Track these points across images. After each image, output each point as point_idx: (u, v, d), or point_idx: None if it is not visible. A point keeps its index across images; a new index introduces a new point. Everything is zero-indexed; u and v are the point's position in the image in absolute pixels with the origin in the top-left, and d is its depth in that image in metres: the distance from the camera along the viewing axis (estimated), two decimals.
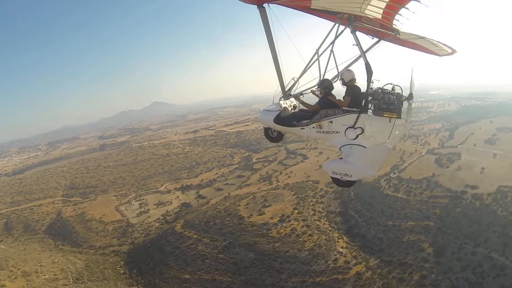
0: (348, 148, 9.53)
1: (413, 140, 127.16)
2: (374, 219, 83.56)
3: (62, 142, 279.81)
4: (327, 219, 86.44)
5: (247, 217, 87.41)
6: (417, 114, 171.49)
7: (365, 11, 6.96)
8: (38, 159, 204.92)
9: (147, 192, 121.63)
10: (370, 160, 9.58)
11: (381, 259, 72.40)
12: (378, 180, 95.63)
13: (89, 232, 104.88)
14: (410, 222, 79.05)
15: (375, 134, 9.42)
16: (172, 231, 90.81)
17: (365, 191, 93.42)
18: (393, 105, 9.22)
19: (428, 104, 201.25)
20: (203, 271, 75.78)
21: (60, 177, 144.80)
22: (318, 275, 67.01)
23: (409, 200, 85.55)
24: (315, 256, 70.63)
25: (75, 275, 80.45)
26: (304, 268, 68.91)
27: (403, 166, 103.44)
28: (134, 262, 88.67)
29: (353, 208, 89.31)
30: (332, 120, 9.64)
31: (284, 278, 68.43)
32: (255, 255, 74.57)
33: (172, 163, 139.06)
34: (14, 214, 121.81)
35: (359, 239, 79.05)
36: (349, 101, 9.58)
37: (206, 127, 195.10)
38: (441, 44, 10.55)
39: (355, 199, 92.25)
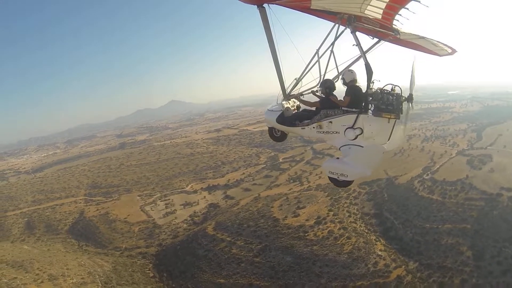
0: (347, 148, 9.53)
1: (441, 141, 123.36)
2: (410, 221, 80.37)
3: (80, 140, 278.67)
4: (363, 221, 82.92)
5: (282, 219, 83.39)
6: (440, 114, 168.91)
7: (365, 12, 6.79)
8: (57, 157, 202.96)
9: (173, 192, 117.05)
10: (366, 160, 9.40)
11: (420, 263, 69.38)
12: (412, 181, 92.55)
13: (114, 233, 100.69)
14: (447, 224, 76.17)
15: (374, 134, 9.36)
16: (204, 233, 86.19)
17: (399, 193, 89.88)
18: (392, 105, 9.07)
19: (450, 105, 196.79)
20: (238, 275, 71.80)
21: (81, 176, 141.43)
22: (359, 279, 64.38)
23: (444, 202, 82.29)
24: (355, 260, 67.83)
25: (103, 278, 75.96)
26: (344, 272, 66.02)
27: (435, 167, 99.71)
28: (163, 265, 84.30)
29: (388, 210, 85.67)
30: (332, 120, 9.67)
31: (324, 282, 65.07)
32: (293, 259, 71.07)
33: (197, 163, 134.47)
34: (36, 213, 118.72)
35: (396, 242, 75.91)
36: (349, 101, 9.56)
37: (229, 126, 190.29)
38: (441, 44, 10.37)
39: (389, 200, 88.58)
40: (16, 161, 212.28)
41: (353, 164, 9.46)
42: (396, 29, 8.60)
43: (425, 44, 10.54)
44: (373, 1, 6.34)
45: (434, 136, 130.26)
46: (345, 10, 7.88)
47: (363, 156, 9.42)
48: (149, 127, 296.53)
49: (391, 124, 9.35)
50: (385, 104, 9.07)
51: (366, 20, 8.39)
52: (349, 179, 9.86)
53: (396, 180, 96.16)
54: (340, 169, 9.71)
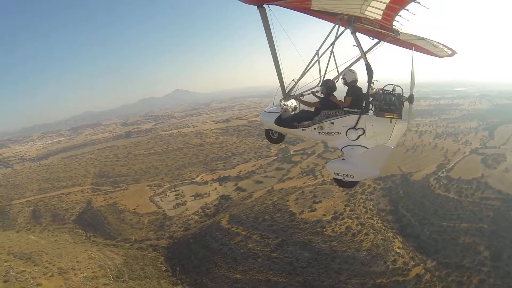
0: (349, 149, 9.42)
1: (453, 138, 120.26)
2: (427, 219, 78.77)
3: (84, 128, 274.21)
4: (379, 218, 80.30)
5: (299, 214, 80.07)
6: (449, 111, 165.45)
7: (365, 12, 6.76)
8: (61, 144, 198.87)
9: (183, 183, 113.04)
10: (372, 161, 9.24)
11: (438, 261, 68.03)
12: (427, 178, 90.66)
13: (123, 224, 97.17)
14: (464, 223, 75.18)
15: (376, 134, 9.36)
16: (218, 227, 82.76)
17: (415, 190, 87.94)
18: (394, 105, 9.09)
19: (458, 102, 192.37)
20: (255, 270, 69.13)
21: (88, 165, 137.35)
22: (378, 276, 62.79)
23: (461, 201, 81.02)
24: (374, 257, 65.95)
25: (114, 272, 72.57)
26: (364, 269, 64.11)
27: (449, 165, 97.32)
28: (176, 258, 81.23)
29: (405, 207, 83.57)
30: (333, 121, 9.57)
31: (343, 279, 63.11)
32: (311, 255, 68.59)
33: (206, 153, 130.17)
34: (42, 202, 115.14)
35: (413, 240, 74.21)
36: (350, 101, 9.49)
37: (236, 116, 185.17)
38: (441, 45, 10.25)
39: (405, 197, 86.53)
40: (20, 148, 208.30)
41: (359, 164, 9.22)
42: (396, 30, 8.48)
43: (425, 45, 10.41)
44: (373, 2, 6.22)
45: (446, 133, 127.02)
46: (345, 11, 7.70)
47: (370, 157, 9.17)
48: (154, 116, 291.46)
49: (393, 124, 9.27)
50: (387, 104, 9.01)
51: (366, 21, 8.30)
52: (356, 180, 9.63)
53: (411, 176, 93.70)
54: (346, 170, 9.42)
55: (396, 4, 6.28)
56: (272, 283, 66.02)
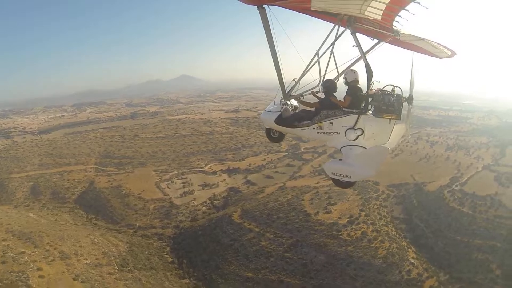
0: (348, 149, 9.27)
1: (465, 152, 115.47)
2: (441, 231, 76.60)
3: (88, 105, 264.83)
4: (393, 225, 76.98)
5: (314, 214, 75.09)
6: (459, 124, 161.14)
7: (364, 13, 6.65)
8: (64, 120, 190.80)
9: (191, 171, 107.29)
10: (369, 161, 9.10)
11: (451, 275, 66.05)
12: (441, 190, 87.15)
13: (126, 208, 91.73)
14: (477, 240, 72.86)
15: (375, 135, 9.23)
16: (229, 221, 77.91)
17: (429, 200, 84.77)
18: (393, 106, 8.89)
19: (467, 115, 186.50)
20: (267, 270, 65.06)
21: (93, 143, 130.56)
22: (393, 286, 60.05)
23: (475, 216, 78.27)
24: (390, 265, 62.70)
25: (119, 261, 67.25)
26: (379, 277, 61.04)
27: (463, 179, 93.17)
28: (183, 250, 76.59)
29: (418, 217, 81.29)
30: (332, 121, 9.44)
31: (358, 286, 60.17)
32: (327, 258, 64.76)
33: (216, 142, 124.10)
34: (43, 178, 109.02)
35: (427, 251, 71.95)
36: (350, 101, 9.35)
37: (246, 107, 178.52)
38: (441, 46, 9.99)
39: (419, 207, 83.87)
40: (22, 120, 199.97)
41: (356, 165, 9.02)
42: (396, 30, 8.34)
43: (425, 46, 10.12)
44: (373, 2, 6.09)
45: (457, 146, 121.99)
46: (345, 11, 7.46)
47: (367, 157, 9.01)
48: (159, 99, 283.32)
49: (391, 124, 9.08)
50: (386, 105, 8.84)
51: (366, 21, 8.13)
52: (353, 180, 9.44)
53: (425, 186, 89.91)
54: (343, 170, 9.23)
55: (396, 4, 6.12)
56: (285, 285, 62.16)
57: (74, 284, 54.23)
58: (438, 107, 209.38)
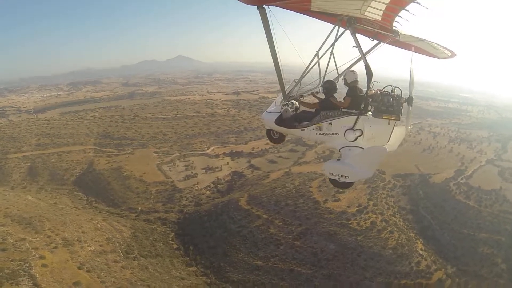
0: (347, 150, 9.06)
1: (467, 145, 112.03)
2: (447, 224, 73.90)
3: (84, 84, 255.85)
4: (400, 216, 73.81)
5: (323, 202, 71.48)
6: (459, 116, 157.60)
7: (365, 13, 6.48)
8: (60, 99, 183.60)
9: (193, 154, 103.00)
10: (367, 162, 8.79)
11: (458, 268, 64.18)
12: (447, 183, 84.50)
13: (128, 191, 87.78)
14: (483, 233, 70.66)
15: (374, 136, 8.94)
16: (236, 206, 74.39)
17: (435, 192, 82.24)
18: (392, 107, 8.62)
19: (467, 108, 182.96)
20: (277, 258, 61.98)
21: (91, 123, 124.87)
22: (403, 277, 57.85)
23: (481, 210, 75.95)
24: (399, 256, 60.32)
25: (123, 247, 63.67)
26: (389, 268, 58.71)
27: (468, 172, 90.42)
28: (188, 236, 72.87)
29: (425, 208, 78.55)
30: (331, 121, 9.22)
31: (369, 276, 57.85)
32: (337, 247, 62.03)
33: (218, 125, 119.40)
34: (40, 158, 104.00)
35: (433, 243, 69.53)
36: (350, 102, 9.09)
37: (246, 90, 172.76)
38: (441, 47, 9.86)
39: (425, 198, 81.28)
40: (17, 98, 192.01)
41: (354, 165, 8.72)
42: (396, 31, 8.25)
43: (425, 47, 10.02)
44: (373, 3, 5.92)
45: (459, 138, 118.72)
46: (345, 12, 7.29)
47: (365, 157, 8.69)
48: (156, 79, 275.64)
49: (391, 125, 8.79)
50: (385, 105, 8.56)
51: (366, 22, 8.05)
52: (350, 180, 9.09)
53: (430, 178, 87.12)
54: (341, 170, 8.94)
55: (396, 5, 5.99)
56: (296, 274, 59.33)
57: (79, 273, 50.53)
58: (437, 99, 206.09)
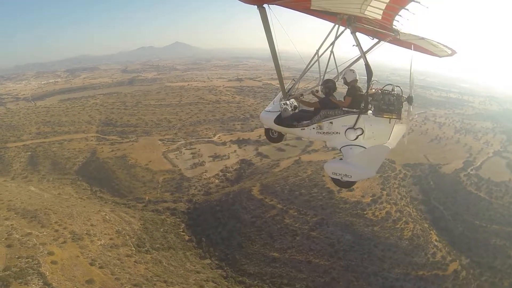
0: (348, 149, 8.87)
1: (473, 136, 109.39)
2: (460, 215, 72.90)
3: (81, 70, 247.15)
4: (413, 206, 72.21)
5: (337, 192, 68.32)
6: (461, 107, 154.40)
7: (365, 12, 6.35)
8: (58, 86, 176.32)
9: (199, 141, 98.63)
10: (370, 161, 8.49)
11: (472, 259, 63.73)
12: (457, 174, 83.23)
13: (134, 180, 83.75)
14: (494, 225, 70.06)
15: (375, 135, 8.83)
16: (249, 196, 71.24)
17: (446, 183, 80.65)
18: (393, 106, 8.49)
19: (468, 98, 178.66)
20: (294, 249, 59.58)
21: (93, 110, 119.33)
22: (420, 268, 56.36)
23: (491, 202, 75.15)
24: (416, 247, 58.89)
25: (134, 240, 59.99)
26: (406, 259, 57.18)
27: (476, 163, 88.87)
28: (199, 227, 69.75)
29: (437, 199, 77.13)
30: (332, 120, 8.99)
31: (386, 267, 56.38)
32: (353, 238, 60.10)
33: (223, 112, 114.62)
34: (41, 147, 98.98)
35: (446, 234, 68.41)
36: (350, 101, 8.89)
37: (248, 77, 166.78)
38: (441, 45, 9.63)
39: (436, 189, 79.43)
40: (14, 86, 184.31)
41: (357, 165, 8.46)
42: (396, 30, 7.79)
43: (425, 45, 9.73)
44: (373, 2, 5.78)
45: (464, 129, 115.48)
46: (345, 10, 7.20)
47: (368, 157, 8.41)
48: (154, 66, 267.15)
49: (391, 124, 8.69)
50: (386, 104, 8.44)
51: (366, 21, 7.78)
52: (353, 179, 8.85)
53: (440, 168, 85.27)
54: (343, 169, 8.65)
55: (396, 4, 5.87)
56: (313, 265, 56.95)
57: (91, 270, 46.84)
58: (438, 88, 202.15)
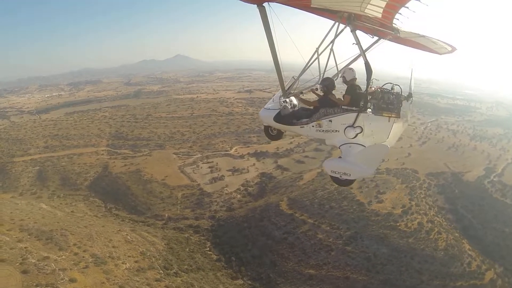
0: (347, 147, 8.74)
1: (488, 142, 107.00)
2: (488, 222, 70.55)
3: (84, 84, 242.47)
4: (441, 216, 68.96)
5: (367, 204, 65.61)
6: (470, 113, 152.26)
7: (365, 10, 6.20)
8: (63, 99, 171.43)
9: (215, 154, 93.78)
10: (369, 159, 8.53)
11: (505, 267, 60.86)
12: (481, 181, 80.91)
13: (151, 196, 78.75)
14: None
15: (374, 133, 8.63)
16: (278, 211, 67.10)
17: (471, 190, 78.01)
18: (393, 104, 8.33)
19: (475, 105, 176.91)
20: (330, 265, 56.35)
21: (102, 123, 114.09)
22: (458, 279, 54.32)
23: None
24: (451, 258, 56.57)
25: (161, 262, 54.59)
26: (443, 270, 54.92)
27: (497, 170, 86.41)
28: (226, 244, 64.94)
29: (464, 207, 74.29)
30: (331, 119, 8.83)
31: (425, 280, 53.75)
32: (389, 251, 57.25)
33: (237, 124, 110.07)
34: (49, 161, 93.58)
35: (477, 242, 65.68)
36: (349, 100, 8.78)
37: (255, 88, 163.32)
38: (441, 42, 9.31)
39: (462, 197, 76.51)
40: (18, 99, 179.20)
41: (356, 163, 8.43)
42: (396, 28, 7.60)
43: (425, 43, 9.46)
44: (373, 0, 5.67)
45: (478, 136, 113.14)
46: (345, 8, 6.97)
47: (367, 155, 8.41)
48: (158, 78, 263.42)
49: (391, 123, 8.43)
50: (385, 103, 8.30)
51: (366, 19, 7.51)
52: (352, 178, 8.83)
53: (462, 176, 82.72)
54: (342, 168, 8.64)
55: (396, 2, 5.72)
56: (351, 281, 53.93)
57: None
58: (444, 95, 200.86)
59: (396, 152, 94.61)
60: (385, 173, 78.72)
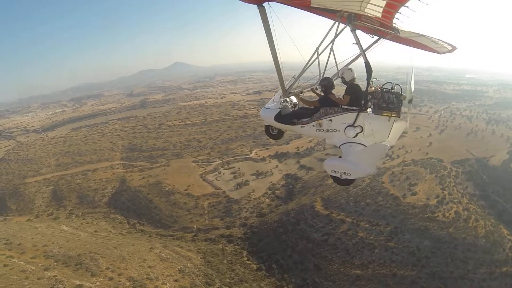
0: (347, 147, 8.51)
1: (504, 126, 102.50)
2: None
3: (86, 98, 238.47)
4: (474, 202, 65.86)
5: (402, 197, 62.98)
6: (479, 98, 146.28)
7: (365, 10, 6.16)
8: (67, 115, 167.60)
9: (236, 159, 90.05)
10: (369, 159, 8.31)
11: None
12: (508, 164, 78.27)
13: (176, 208, 74.97)
14: None
15: (374, 132, 8.49)
16: (313, 213, 64.15)
17: (498, 175, 74.64)
18: (393, 104, 8.22)
19: (482, 89, 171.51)
20: (375, 263, 53.98)
21: (114, 136, 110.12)
22: (503, 264, 51.78)
23: None
24: (493, 244, 54.32)
25: (202, 278, 50.84)
26: (487, 258, 52.68)
27: None
28: (264, 252, 61.22)
29: (495, 193, 70.71)
30: (332, 118, 8.65)
31: (471, 269, 51.45)
32: (432, 243, 55.16)
33: (253, 126, 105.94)
34: (63, 180, 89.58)
35: None
36: (349, 99, 8.58)
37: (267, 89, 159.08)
38: (442, 41, 9.10)
39: (491, 183, 73.16)
40: (21, 119, 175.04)
41: (356, 163, 8.20)
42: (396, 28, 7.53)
43: (425, 42, 9.25)
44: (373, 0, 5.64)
45: (493, 119, 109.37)
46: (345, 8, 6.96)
47: (367, 155, 8.24)
48: (160, 87, 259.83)
49: (391, 122, 8.40)
50: (386, 102, 8.17)
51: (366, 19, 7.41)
52: (352, 177, 8.60)
53: (487, 161, 79.65)
54: (343, 167, 8.38)
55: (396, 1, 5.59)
56: (399, 277, 51.41)
57: None
58: (447, 82, 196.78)
59: (417, 142, 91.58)
60: (412, 164, 75.92)
